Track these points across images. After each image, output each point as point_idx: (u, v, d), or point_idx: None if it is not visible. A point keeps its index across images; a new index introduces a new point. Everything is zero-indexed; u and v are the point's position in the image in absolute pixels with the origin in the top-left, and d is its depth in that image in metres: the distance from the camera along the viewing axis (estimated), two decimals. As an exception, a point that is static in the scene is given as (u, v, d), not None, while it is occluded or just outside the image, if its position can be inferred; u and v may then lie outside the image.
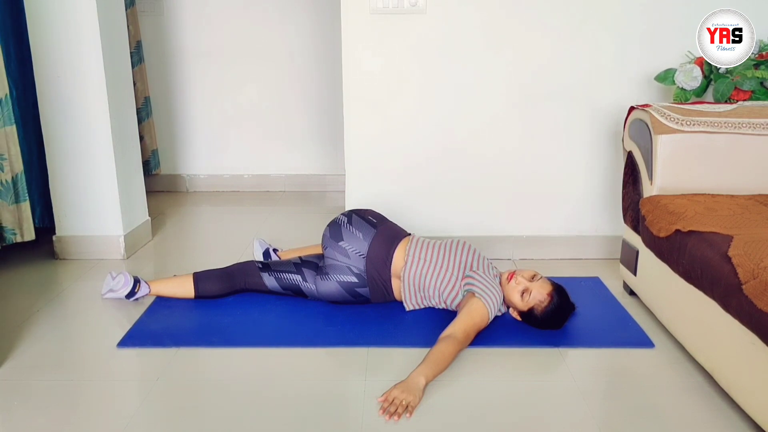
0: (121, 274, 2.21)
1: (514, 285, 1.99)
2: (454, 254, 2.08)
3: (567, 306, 1.98)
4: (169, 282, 2.22)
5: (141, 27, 3.60)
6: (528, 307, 1.96)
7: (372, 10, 2.43)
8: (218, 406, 1.63)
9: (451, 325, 1.87)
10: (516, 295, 1.98)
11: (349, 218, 2.15)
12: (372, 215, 2.19)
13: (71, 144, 2.55)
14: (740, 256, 1.50)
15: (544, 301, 1.95)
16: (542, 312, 1.95)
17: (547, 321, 1.96)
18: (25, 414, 1.59)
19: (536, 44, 2.48)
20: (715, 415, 1.57)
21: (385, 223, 2.19)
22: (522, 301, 1.97)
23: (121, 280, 2.19)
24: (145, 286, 2.19)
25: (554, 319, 1.96)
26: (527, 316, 1.98)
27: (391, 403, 1.57)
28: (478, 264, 2.07)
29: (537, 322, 1.97)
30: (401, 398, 1.59)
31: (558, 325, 1.98)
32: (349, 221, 2.13)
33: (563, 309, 1.97)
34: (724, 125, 2.03)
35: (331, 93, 3.66)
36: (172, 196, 3.76)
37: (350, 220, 2.14)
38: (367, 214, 2.20)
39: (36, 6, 2.42)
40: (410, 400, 1.59)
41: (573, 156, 2.59)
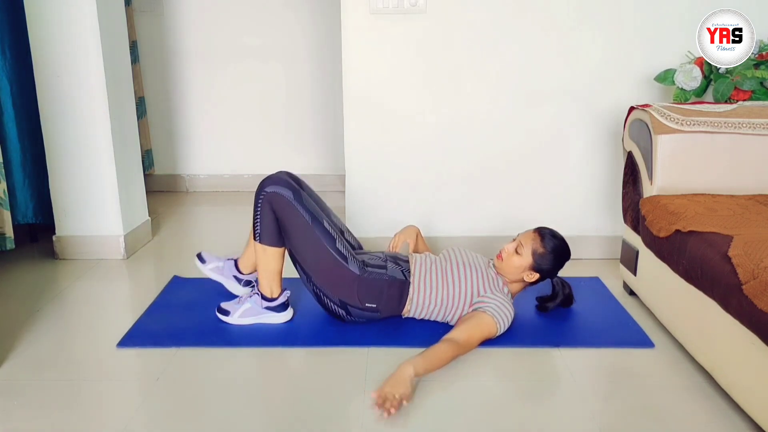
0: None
1: (506, 257, 1.97)
2: (462, 282, 1.96)
3: (555, 232, 2.00)
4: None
5: (141, 27, 3.60)
6: (531, 256, 1.95)
7: (372, 10, 2.43)
8: (218, 406, 1.63)
9: (456, 329, 1.85)
10: (514, 260, 1.96)
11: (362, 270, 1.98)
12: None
13: (71, 144, 2.55)
14: (740, 256, 1.50)
15: (536, 239, 1.96)
16: (545, 247, 1.95)
17: (558, 249, 1.97)
18: (25, 414, 1.59)
19: (536, 44, 2.48)
20: (715, 415, 1.57)
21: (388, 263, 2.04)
22: (523, 257, 1.95)
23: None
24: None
25: (559, 244, 1.97)
26: (539, 265, 1.96)
27: (385, 400, 1.53)
28: (485, 287, 1.96)
29: (551, 260, 1.96)
30: (393, 392, 1.56)
31: (567, 249, 1.99)
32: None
33: (554, 234, 1.99)
34: (724, 125, 2.03)
35: (331, 93, 3.66)
36: (172, 196, 3.76)
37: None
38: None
39: (36, 6, 2.42)
40: (401, 392, 1.56)
41: (573, 156, 2.59)
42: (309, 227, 1.90)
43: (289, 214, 1.90)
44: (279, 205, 1.90)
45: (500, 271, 2.01)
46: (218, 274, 2.19)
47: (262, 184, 1.94)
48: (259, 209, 1.93)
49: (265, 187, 1.91)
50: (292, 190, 1.91)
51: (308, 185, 2.15)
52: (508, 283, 2.02)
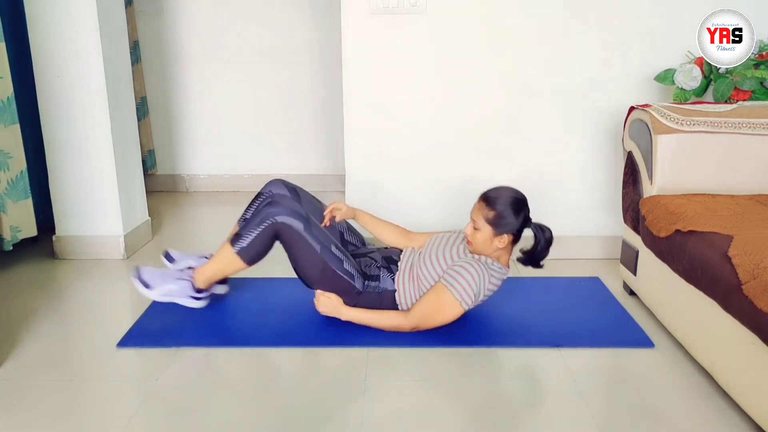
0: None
1: (471, 239, 1.92)
2: (438, 259, 1.98)
3: (497, 189, 1.94)
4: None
5: (142, 27, 3.60)
6: (488, 225, 1.88)
7: (372, 10, 2.43)
8: (218, 406, 1.63)
9: (414, 305, 1.94)
10: (478, 237, 1.90)
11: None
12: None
13: (71, 144, 2.55)
14: (740, 256, 1.50)
15: (482, 207, 1.90)
16: (494, 209, 1.88)
17: (507, 202, 1.89)
18: (25, 414, 1.59)
19: (536, 44, 2.48)
20: (715, 415, 1.57)
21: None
22: (482, 230, 1.89)
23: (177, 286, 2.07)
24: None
25: (505, 196, 1.90)
26: (501, 227, 1.88)
27: (323, 296, 1.95)
28: (458, 253, 1.96)
29: (509, 215, 1.88)
30: (323, 305, 1.97)
31: (516, 195, 1.92)
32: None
33: (497, 191, 1.92)
34: (724, 125, 2.03)
35: (331, 93, 3.66)
36: (172, 196, 3.76)
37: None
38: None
39: (36, 6, 2.42)
40: (321, 310, 1.97)
41: (573, 156, 2.59)
42: (318, 256, 1.93)
43: (300, 244, 1.92)
44: (289, 236, 1.91)
45: (477, 253, 1.98)
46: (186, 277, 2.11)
47: (272, 210, 1.91)
48: (260, 230, 1.91)
49: (276, 215, 1.90)
50: (303, 220, 1.92)
51: (303, 189, 2.18)
52: (492, 258, 1.97)
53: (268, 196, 2.14)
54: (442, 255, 1.98)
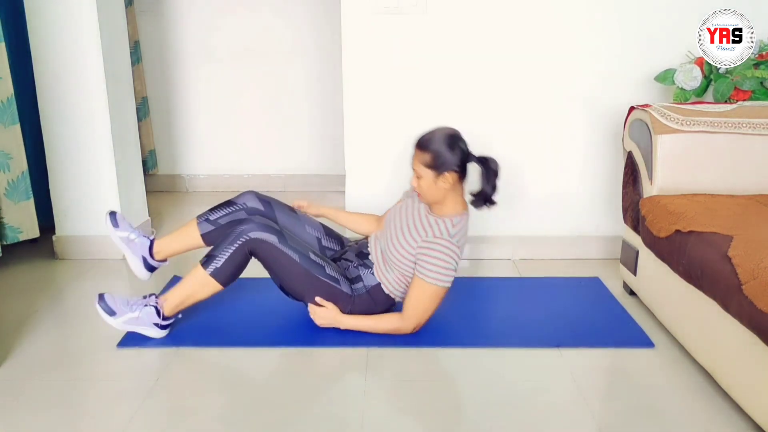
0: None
1: (419, 190, 1.91)
2: (407, 250, 1.93)
3: (424, 134, 1.92)
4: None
5: (141, 27, 3.60)
6: (428, 168, 1.87)
7: (372, 10, 2.43)
8: (218, 406, 1.63)
9: (405, 306, 1.92)
10: (423, 184, 1.88)
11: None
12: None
13: (71, 144, 2.55)
14: (740, 257, 1.50)
15: (417, 155, 1.89)
16: (428, 151, 1.86)
17: (438, 139, 1.88)
18: (25, 414, 1.59)
19: (536, 45, 2.48)
20: (715, 415, 1.57)
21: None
22: (425, 176, 1.87)
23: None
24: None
25: (434, 134, 1.90)
26: (441, 166, 1.86)
27: (320, 306, 1.94)
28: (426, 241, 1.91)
29: (444, 151, 1.86)
30: (321, 317, 1.95)
31: (444, 130, 1.91)
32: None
33: (424, 136, 1.91)
34: (724, 125, 2.03)
35: (331, 93, 3.66)
36: (172, 196, 3.76)
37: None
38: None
39: (36, 6, 2.42)
40: (319, 322, 1.96)
41: (573, 156, 2.59)
42: (297, 265, 1.89)
43: (277, 257, 1.88)
44: (264, 251, 1.88)
45: (434, 207, 1.96)
46: (126, 245, 2.05)
47: (243, 228, 1.87)
48: (233, 249, 1.86)
49: (248, 232, 1.86)
50: (275, 233, 1.89)
51: (277, 201, 2.14)
52: (448, 213, 1.93)
53: (241, 208, 2.09)
54: (408, 231, 1.94)
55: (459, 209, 1.95)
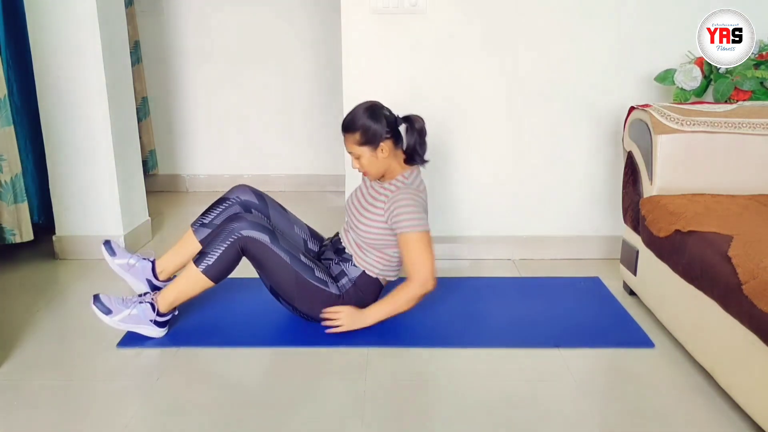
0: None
1: (362, 169, 1.94)
2: (375, 228, 1.96)
3: (347, 116, 1.93)
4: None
5: (141, 27, 3.60)
6: (361, 145, 1.89)
7: (372, 10, 2.43)
8: (218, 406, 1.63)
9: (407, 270, 1.92)
10: (365, 161, 1.92)
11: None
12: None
13: (71, 144, 2.55)
14: (740, 256, 1.50)
15: (347, 137, 1.91)
16: (355, 128, 1.89)
17: (359, 113, 1.90)
18: (25, 414, 1.59)
19: (536, 44, 2.48)
20: (715, 415, 1.57)
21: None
22: (364, 154, 1.91)
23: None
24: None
25: (354, 112, 1.91)
26: (372, 138, 1.89)
27: (334, 317, 1.93)
28: (389, 208, 1.93)
29: (369, 122, 1.88)
30: (342, 323, 1.93)
31: (363, 104, 1.93)
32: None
33: (347, 116, 1.93)
34: (724, 125, 2.03)
35: (331, 93, 3.65)
36: (172, 196, 3.76)
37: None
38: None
39: (36, 6, 2.42)
40: (345, 325, 1.93)
41: (573, 156, 2.59)
42: (288, 266, 1.90)
43: (268, 257, 1.88)
44: (255, 250, 1.88)
45: (383, 179, 1.99)
46: (127, 272, 2.05)
47: (235, 225, 1.87)
48: (225, 246, 1.86)
49: (241, 230, 1.86)
50: (267, 232, 1.89)
51: (269, 196, 2.16)
52: (397, 176, 1.97)
53: (234, 202, 2.10)
54: (370, 207, 1.97)
55: (406, 168, 1.99)
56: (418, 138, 1.95)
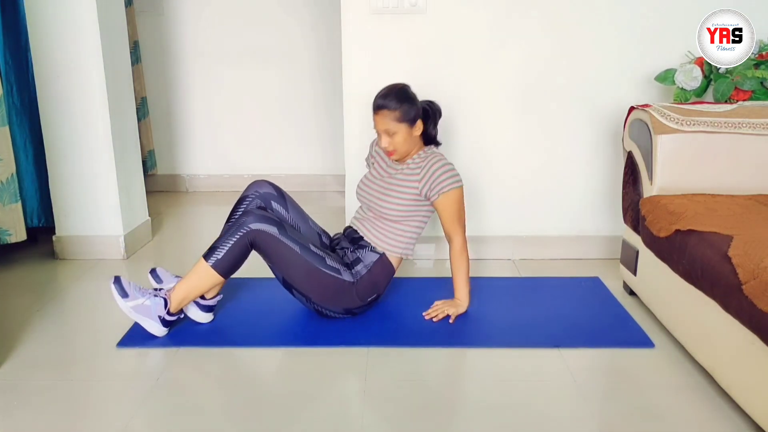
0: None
1: (394, 146, 2.00)
2: (402, 206, 2.05)
3: (382, 92, 2.03)
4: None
5: (141, 27, 3.60)
6: (399, 121, 1.97)
7: (372, 10, 2.43)
8: (218, 406, 1.63)
9: (447, 230, 2.05)
10: (399, 139, 1.99)
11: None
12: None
13: (71, 144, 2.55)
14: (740, 256, 1.50)
15: (386, 114, 1.97)
16: (397, 105, 1.97)
17: (404, 92, 2.01)
18: (25, 414, 1.59)
19: (536, 44, 2.48)
20: (715, 415, 1.57)
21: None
22: (400, 131, 1.98)
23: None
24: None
25: (399, 88, 2.02)
26: (409, 116, 1.99)
27: (436, 311, 2.03)
28: (419, 182, 2.02)
29: (412, 102, 2.00)
30: (444, 309, 2.04)
31: (404, 84, 2.05)
32: None
33: (387, 92, 2.01)
34: (724, 125, 2.03)
35: (331, 93, 3.66)
36: (172, 196, 3.76)
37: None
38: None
39: (36, 6, 2.42)
40: (452, 312, 2.03)
41: (573, 156, 2.59)
42: (299, 256, 1.91)
43: (278, 248, 1.89)
44: (265, 243, 1.88)
45: (401, 161, 2.08)
46: (139, 313, 1.91)
47: (244, 219, 1.88)
48: (233, 240, 1.87)
49: (249, 223, 1.87)
50: (276, 224, 1.89)
51: (287, 193, 2.19)
52: (415, 154, 2.07)
53: (254, 197, 2.12)
54: (393, 190, 2.04)
55: (422, 148, 2.11)
56: (436, 121, 2.12)
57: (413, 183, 2.02)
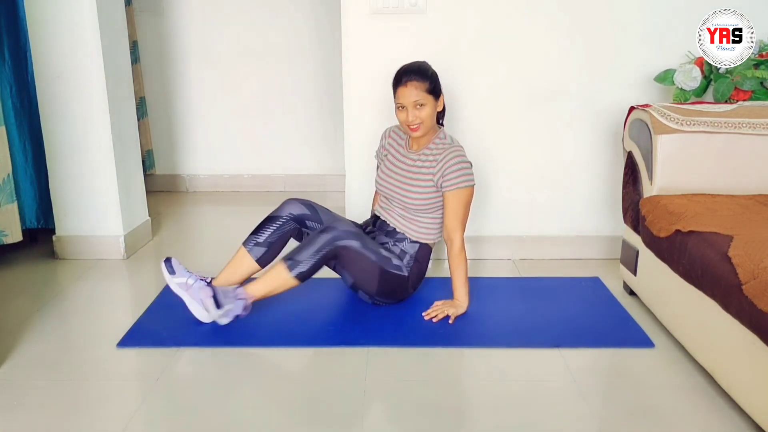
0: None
1: (421, 119, 2.02)
2: (421, 194, 2.09)
3: (412, 66, 2.07)
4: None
5: (141, 26, 3.60)
6: (430, 93, 2.02)
7: (372, 10, 2.43)
8: (218, 406, 1.63)
9: (448, 227, 2.06)
10: (426, 112, 2.02)
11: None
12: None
13: (71, 144, 2.55)
14: (740, 256, 1.50)
15: (416, 84, 2.00)
16: (429, 76, 2.03)
17: (429, 66, 2.07)
18: (25, 414, 1.59)
19: (536, 44, 2.48)
20: (715, 415, 1.57)
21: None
22: (427, 103, 2.02)
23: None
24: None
25: (425, 61, 2.09)
26: (437, 89, 2.06)
27: (436, 311, 2.04)
28: (435, 174, 2.06)
29: (437, 77, 2.06)
30: (444, 309, 2.04)
31: (417, 63, 2.08)
32: None
33: (410, 64, 2.07)
34: (724, 125, 2.03)
35: (331, 93, 3.66)
36: (172, 196, 3.76)
37: None
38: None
39: (36, 6, 2.42)
40: (452, 312, 2.03)
41: (573, 156, 2.59)
42: (373, 263, 2.01)
43: (358, 259, 1.99)
44: (348, 256, 1.98)
45: (421, 140, 2.10)
46: (184, 290, 1.99)
47: (331, 236, 1.94)
48: (320, 255, 1.94)
49: (337, 240, 1.94)
50: (358, 238, 1.99)
51: (316, 202, 2.19)
52: (433, 139, 2.10)
53: (287, 218, 2.10)
54: (413, 179, 2.09)
55: (437, 129, 2.14)
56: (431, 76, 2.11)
57: (430, 170, 2.06)
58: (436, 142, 2.09)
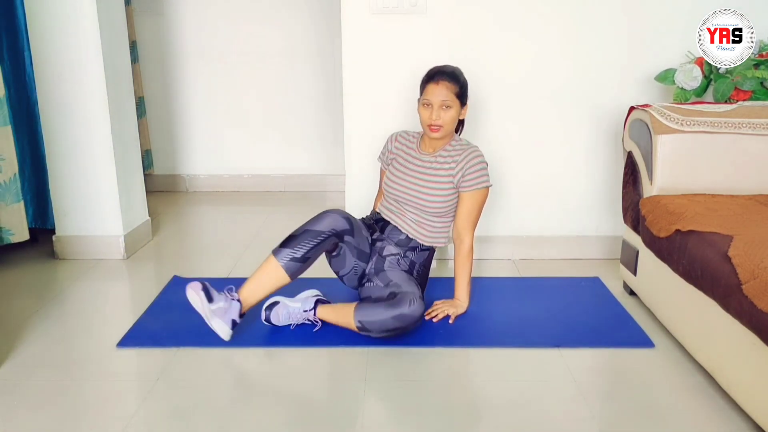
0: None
1: (444, 120, 2.00)
2: (436, 197, 2.07)
3: (444, 68, 2.05)
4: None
5: (141, 26, 3.60)
6: (459, 98, 2.01)
7: (372, 10, 2.43)
8: (218, 406, 1.63)
9: (460, 226, 2.06)
10: (452, 115, 2.01)
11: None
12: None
13: (71, 144, 2.55)
14: (740, 256, 1.50)
15: (448, 85, 1.99)
16: (460, 79, 2.03)
17: (462, 73, 2.06)
18: (25, 414, 1.59)
19: (536, 44, 2.48)
20: (715, 415, 1.57)
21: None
22: (453, 106, 2.01)
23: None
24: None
25: (457, 67, 2.07)
26: (466, 95, 2.05)
27: (436, 311, 2.03)
28: (454, 174, 2.05)
29: (466, 85, 2.06)
30: (444, 309, 2.04)
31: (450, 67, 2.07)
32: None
33: (443, 66, 2.06)
34: (724, 125, 2.03)
35: (331, 93, 3.66)
36: (172, 196, 3.76)
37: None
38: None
39: (36, 6, 2.42)
40: (452, 312, 2.03)
41: (573, 156, 2.59)
42: (411, 279, 2.05)
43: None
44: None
45: (438, 143, 2.09)
46: (218, 316, 1.86)
47: (403, 316, 1.86)
48: (385, 330, 1.87)
49: (406, 321, 1.85)
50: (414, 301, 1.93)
51: (356, 219, 2.07)
52: (449, 142, 2.10)
53: (329, 234, 1.93)
54: (431, 182, 2.07)
55: (453, 135, 2.13)
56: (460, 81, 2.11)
57: (449, 171, 2.05)
58: (453, 144, 2.09)
